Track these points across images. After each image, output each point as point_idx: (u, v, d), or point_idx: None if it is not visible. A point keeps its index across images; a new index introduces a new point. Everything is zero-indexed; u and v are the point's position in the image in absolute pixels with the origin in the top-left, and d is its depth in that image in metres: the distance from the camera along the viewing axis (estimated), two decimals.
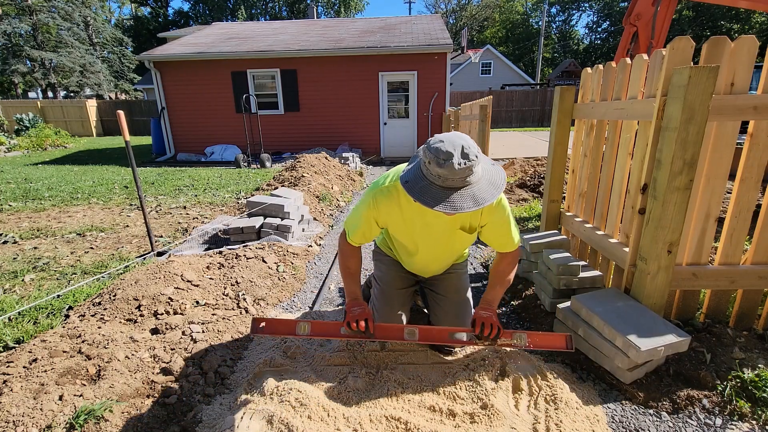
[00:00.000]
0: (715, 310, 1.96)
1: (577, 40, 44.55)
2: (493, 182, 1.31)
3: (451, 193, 1.25)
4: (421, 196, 1.27)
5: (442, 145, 1.24)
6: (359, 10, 42.64)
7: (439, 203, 1.24)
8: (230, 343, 2.03)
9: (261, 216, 3.76)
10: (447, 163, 1.21)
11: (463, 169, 1.22)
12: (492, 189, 1.29)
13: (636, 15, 4.66)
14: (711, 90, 1.49)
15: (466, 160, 1.22)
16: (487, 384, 1.62)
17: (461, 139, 1.26)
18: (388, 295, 1.87)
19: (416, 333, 1.70)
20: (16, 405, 1.44)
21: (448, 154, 1.21)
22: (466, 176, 1.24)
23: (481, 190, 1.27)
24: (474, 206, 1.24)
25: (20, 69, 25.10)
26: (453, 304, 1.86)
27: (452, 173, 1.22)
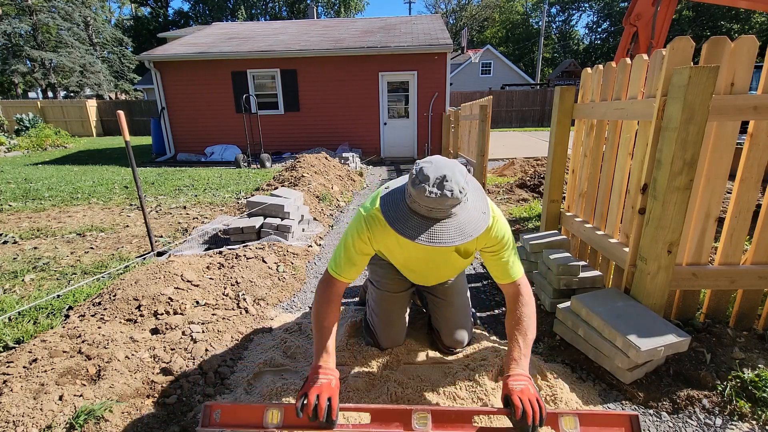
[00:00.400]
0: (715, 310, 1.96)
1: (577, 40, 44.56)
2: (483, 212, 1.21)
3: (432, 224, 1.13)
4: (400, 226, 1.15)
5: (429, 168, 1.12)
6: (359, 10, 42.64)
7: (419, 235, 1.12)
8: (230, 343, 2.04)
9: (261, 216, 3.76)
10: (432, 192, 1.09)
11: (450, 201, 1.10)
12: (480, 220, 1.18)
13: (636, 15, 4.65)
14: (711, 90, 1.49)
15: (454, 191, 1.10)
16: (488, 384, 1.62)
17: (448, 165, 1.14)
18: (388, 299, 1.81)
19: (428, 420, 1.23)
20: (16, 405, 1.44)
21: (436, 180, 1.10)
22: (451, 206, 1.12)
23: (467, 220, 1.16)
24: (459, 239, 1.13)
25: (20, 69, 25.10)
26: (453, 307, 1.82)
27: (437, 202, 1.10)
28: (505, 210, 4.54)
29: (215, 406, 1.28)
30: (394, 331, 1.84)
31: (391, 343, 1.85)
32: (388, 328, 1.83)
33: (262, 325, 2.26)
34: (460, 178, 1.13)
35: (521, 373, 1.29)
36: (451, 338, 1.82)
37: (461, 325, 1.83)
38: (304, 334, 2.09)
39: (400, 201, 1.21)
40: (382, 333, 1.84)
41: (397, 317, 1.83)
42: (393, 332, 1.84)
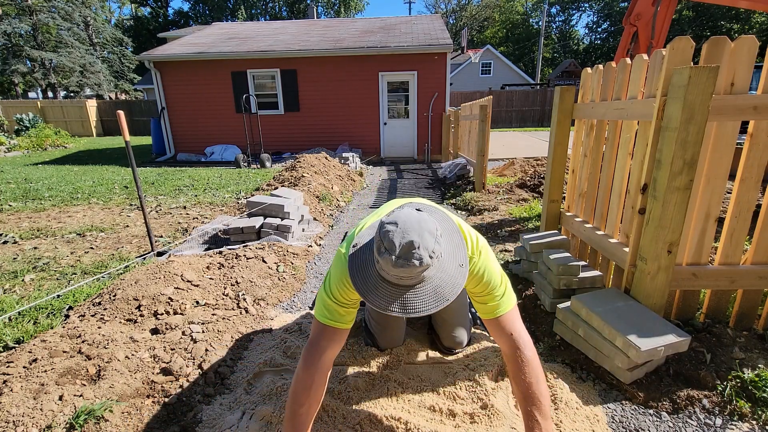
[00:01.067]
0: (715, 310, 1.96)
1: (577, 40, 44.56)
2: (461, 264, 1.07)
3: (404, 292, 1.00)
4: (371, 297, 1.02)
5: (394, 233, 0.97)
6: (359, 10, 42.65)
7: (388, 303, 1.00)
8: (230, 343, 2.04)
9: (261, 216, 3.76)
10: (399, 262, 0.95)
11: (418, 269, 0.96)
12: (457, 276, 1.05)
13: (636, 15, 4.65)
14: (711, 90, 1.49)
15: (422, 258, 0.95)
16: (488, 384, 1.63)
17: (420, 225, 0.98)
18: None
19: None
20: (16, 405, 1.44)
21: (402, 249, 0.95)
22: (422, 272, 0.98)
23: (442, 282, 1.02)
24: (434, 306, 1.00)
25: (20, 69, 25.10)
26: (450, 310, 1.80)
27: (405, 272, 0.96)
28: (505, 210, 4.54)
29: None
30: (392, 333, 1.83)
31: (390, 344, 1.85)
32: (386, 329, 1.82)
33: (262, 325, 2.26)
34: (429, 240, 0.97)
35: None
36: (450, 339, 1.82)
37: (460, 325, 1.83)
38: (304, 334, 2.09)
39: (368, 265, 1.06)
40: (380, 334, 1.83)
41: (394, 319, 1.81)
42: (391, 333, 1.83)
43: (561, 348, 1.92)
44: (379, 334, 1.83)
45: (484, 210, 4.66)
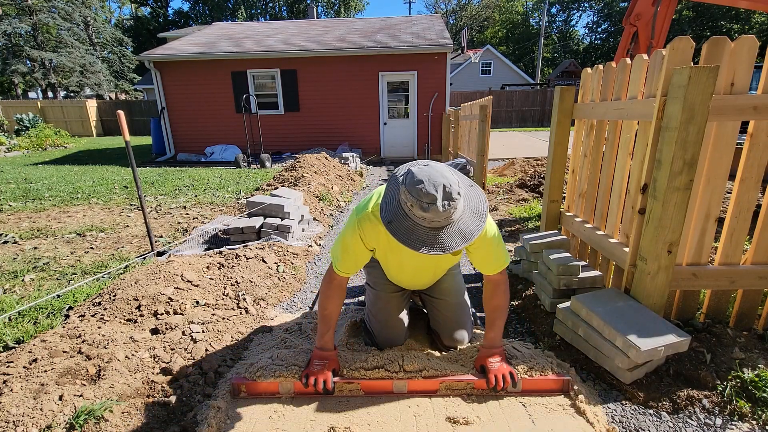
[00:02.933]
0: (715, 310, 1.96)
1: (577, 40, 44.56)
2: (476, 211, 1.27)
3: (437, 233, 1.19)
4: (407, 239, 1.21)
5: (423, 187, 1.15)
6: (359, 10, 42.65)
7: (426, 245, 1.19)
8: (230, 343, 2.03)
9: (261, 216, 3.76)
10: (431, 206, 1.15)
11: (447, 210, 1.16)
12: (477, 220, 1.25)
13: (636, 15, 4.65)
14: (711, 90, 1.49)
15: (449, 200, 1.16)
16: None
17: (442, 176, 1.18)
18: (384, 299, 1.83)
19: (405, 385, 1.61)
20: (16, 405, 1.44)
21: (431, 196, 1.14)
22: (450, 215, 1.18)
23: (466, 224, 1.23)
24: (462, 243, 1.20)
25: (20, 69, 25.11)
26: (450, 306, 1.83)
27: (437, 215, 1.16)
28: (505, 210, 4.54)
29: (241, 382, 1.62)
30: (391, 332, 1.83)
31: (389, 344, 1.85)
32: (385, 328, 1.83)
33: (262, 325, 2.26)
34: (451, 177, 1.20)
35: (496, 351, 1.61)
36: (451, 338, 1.83)
37: (460, 324, 1.83)
38: (304, 334, 2.09)
39: (400, 216, 1.23)
40: (379, 333, 1.84)
41: (394, 318, 1.82)
42: (390, 333, 1.83)
43: (561, 348, 1.92)
44: (379, 333, 1.84)
45: None
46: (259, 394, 1.62)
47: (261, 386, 1.62)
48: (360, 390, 1.60)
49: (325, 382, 1.54)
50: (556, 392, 1.62)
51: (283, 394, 1.61)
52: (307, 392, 1.60)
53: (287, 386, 1.61)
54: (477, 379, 1.60)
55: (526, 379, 1.61)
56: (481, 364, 1.61)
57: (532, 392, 1.61)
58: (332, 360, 1.62)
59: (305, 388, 1.56)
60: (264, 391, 1.62)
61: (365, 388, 1.61)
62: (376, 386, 1.62)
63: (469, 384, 1.60)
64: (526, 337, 2.14)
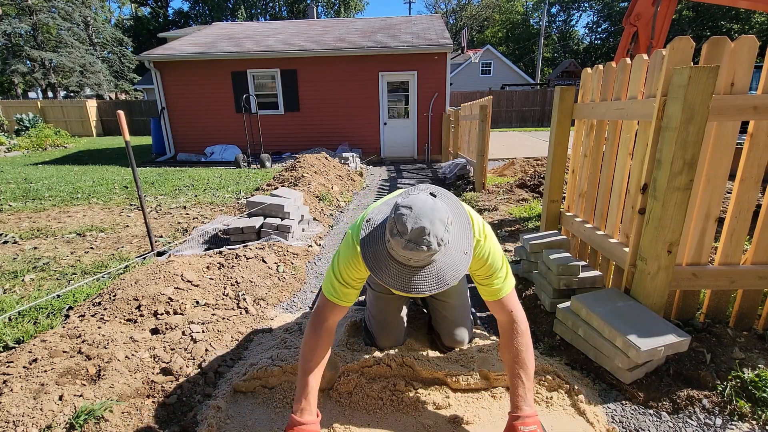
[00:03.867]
0: (715, 310, 1.96)
1: (577, 40, 44.56)
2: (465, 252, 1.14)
3: (412, 272, 1.09)
4: (380, 273, 1.11)
5: (408, 217, 1.03)
6: (359, 10, 42.65)
7: (398, 283, 1.09)
8: (230, 343, 2.04)
9: (261, 216, 3.75)
10: (409, 245, 1.03)
11: (426, 253, 1.04)
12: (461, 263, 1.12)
13: (636, 15, 4.65)
14: (711, 90, 1.49)
15: (431, 244, 1.03)
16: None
17: (434, 213, 1.04)
18: (384, 300, 1.80)
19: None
20: (16, 405, 1.44)
21: (413, 233, 1.02)
22: (430, 256, 1.05)
23: (447, 265, 1.10)
24: (436, 288, 1.09)
25: (20, 69, 25.10)
26: (451, 308, 1.80)
27: (413, 255, 1.04)
28: (505, 210, 4.54)
29: None
30: (391, 332, 1.82)
31: (389, 344, 1.83)
32: (385, 329, 1.82)
33: (262, 325, 2.26)
34: (440, 228, 1.04)
35: (530, 414, 1.26)
36: (451, 338, 1.82)
37: (461, 324, 1.82)
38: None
39: (379, 243, 1.14)
40: (378, 334, 1.83)
41: (394, 318, 1.81)
42: (390, 333, 1.82)
43: (561, 348, 1.92)
44: (378, 333, 1.83)
45: (484, 210, 4.66)
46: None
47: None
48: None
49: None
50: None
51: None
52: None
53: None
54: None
55: None
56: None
57: None
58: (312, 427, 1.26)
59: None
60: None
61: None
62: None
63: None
64: None
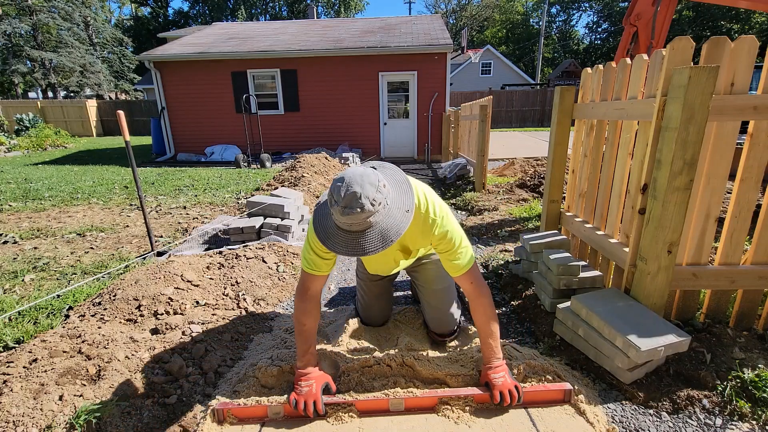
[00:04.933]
0: (715, 310, 1.96)
1: (577, 40, 44.57)
2: (407, 210, 1.26)
3: (356, 237, 1.19)
4: (329, 242, 1.24)
5: (341, 187, 1.15)
6: (359, 10, 42.68)
7: (346, 248, 1.21)
8: (230, 343, 2.04)
9: (261, 216, 3.75)
10: (345, 211, 1.14)
11: (363, 215, 1.14)
12: (401, 220, 1.23)
13: (636, 15, 4.65)
14: (711, 90, 1.49)
15: (364, 206, 1.14)
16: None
17: (363, 178, 1.16)
18: (367, 286, 2.05)
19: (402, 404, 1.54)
20: (16, 405, 1.44)
21: (346, 199, 1.14)
22: (367, 218, 1.16)
23: (388, 226, 1.20)
24: (381, 247, 1.19)
25: (20, 69, 25.11)
26: (434, 293, 1.94)
27: (351, 219, 1.15)
28: (505, 210, 4.54)
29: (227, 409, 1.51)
30: (373, 312, 2.09)
31: (372, 321, 2.11)
32: (368, 309, 2.10)
33: (262, 325, 2.26)
34: (370, 190, 1.15)
35: (499, 365, 1.54)
36: (437, 324, 1.94)
37: (446, 311, 1.93)
38: None
39: (327, 218, 1.28)
40: (363, 313, 2.13)
41: (376, 300, 2.05)
42: (372, 312, 2.09)
43: (561, 348, 1.92)
44: (363, 312, 2.12)
45: (484, 210, 4.66)
46: (246, 419, 1.52)
47: (248, 411, 1.51)
48: (356, 410, 1.52)
49: (315, 403, 1.47)
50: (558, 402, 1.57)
51: (272, 417, 1.52)
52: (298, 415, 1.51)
53: (276, 410, 1.52)
54: (477, 393, 1.54)
55: (528, 390, 1.56)
56: (486, 381, 1.55)
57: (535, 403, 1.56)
58: (318, 378, 1.53)
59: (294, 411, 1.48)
60: (251, 416, 1.52)
61: (361, 408, 1.53)
62: (372, 405, 1.54)
63: (469, 398, 1.54)
64: (526, 337, 2.14)
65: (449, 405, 1.53)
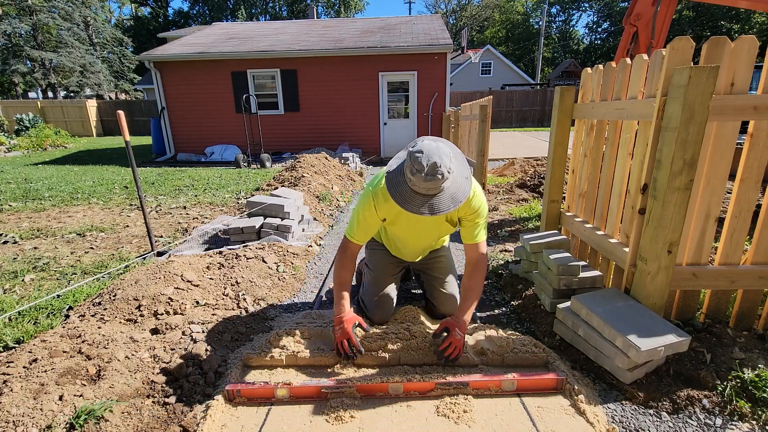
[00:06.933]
0: (715, 310, 1.96)
1: (577, 40, 44.55)
2: (466, 177, 1.54)
3: (430, 199, 1.45)
4: (404, 203, 1.48)
5: (422, 158, 1.39)
6: (359, 10, 42.68)
7: (420, 207, 1.46)
8: (230, 343, 2.03)
9: (261, 216, 3.75)
10: (428, 177, 1.39)
11: (441, 181, 1.41)
12: (465, 185, 1.52)
13: (636, 15, 4.65)
14: (711, 90, 1.49)
15: (443, 173, 1.40)
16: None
17: (439, 151, 1.41)
18: (380, 280, 2.15)
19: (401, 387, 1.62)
20: (16, 405, 1.44)
21: (429, 168, 1.38)
22: (442, 183, 1.42)
23: (456, 190, 1.49)
24: (452, 206, 1.46)
25: (20, 69, 25.10)
26: (442, 282, 2.16)
27: (432, 184, 1.41)
28: (505, 210, 4.54)
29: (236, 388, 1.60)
30: (384, 309, 2.13)
31: (381, 318, 2.12)
32: (379, 306, 2.12)
33: (262, 325, 2.26)
34: (446, 160, 1.42)
35: (463, 325, 1.75)
36: (444, 304, 2.14)
37: (451, 294, 2.14)
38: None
39: (401, 183, 1.51)
40: (374, 310, 2.12)
41: (387, 297, 2.12)
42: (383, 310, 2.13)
43: (561, 348, 1.92)
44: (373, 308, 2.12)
45: None
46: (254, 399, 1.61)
47: (256, 391, 1.60)
48: (356, 393, 1.59)
49: (349, 341, 1.71)
50: (551, 390, 1.62)
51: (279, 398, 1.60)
52: (303, 395, 1.60)
53: (282, 392, 1.60)
54: (474, 380, 1.61)
55: (521, 378, 1.62)
56: (445, 327, 1.76)
57: (528, 390, 1.62)
58: (349, 320, 1.76)
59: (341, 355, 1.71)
60: (260, 396, 1.61)
61: (361, 390, 1.61)
62: (372, 388, 1.61)
63: (465, 383, 1.61)
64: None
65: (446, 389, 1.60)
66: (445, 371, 1.71)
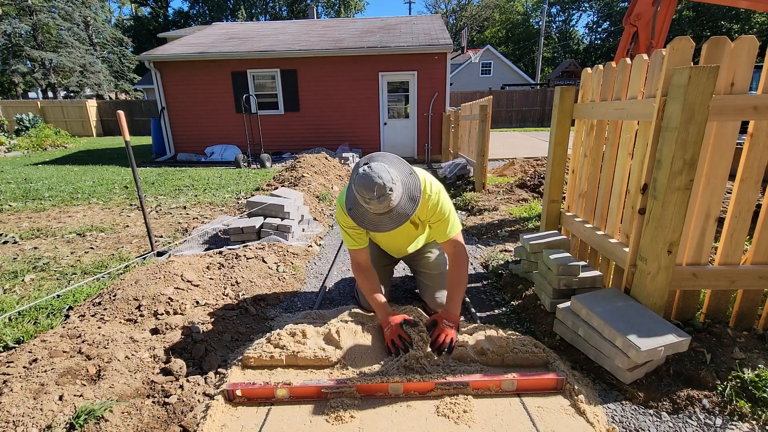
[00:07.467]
0: (715, 310, 1.96)
1: (577, 40, 44.55)
2: (411, 197, 1.63)
3: (381, 217, 1.59)
4: (378, 228, 1.63)
5: (366, 186, 1.50)
6: (359, 10, 42.68)
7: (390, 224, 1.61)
8: (230, 343, 2.03)
9: (261, 216, 3.75)
10: (381, 198, 1.52)
11: (392, 193, 1.53)
12: (412, 180, 1.65)
13: (636, 15, 4.65)
14: (711, 90, 1.49)
15: (390, 186, 1.52)
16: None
17: (379, 176, 1.50)
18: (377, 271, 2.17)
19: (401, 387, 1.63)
20: (16, 405, 1.44)
21: (377, 190, 1.50)
22: (393, 195, 1.53)
23: (408, 189, 1.62)
24: (413, 204, 1.62)
25: (20, 69, 25.10)
26: (431, 277, 2.28)
27: (386, 200, 1.52)
28: (505, 210, 4.54)
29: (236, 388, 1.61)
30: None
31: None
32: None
33: (262, 325, 2.26)
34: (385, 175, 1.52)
35: (454, 316, 1.86)
36: (432, 300, 2.24)
37: (439, 290, 2.24)
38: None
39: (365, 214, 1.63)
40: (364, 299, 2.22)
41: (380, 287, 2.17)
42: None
43: (561, 348, 1.92)
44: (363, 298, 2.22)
45: (484, 210, 4.66)
46: (254, 399, 1.61)
47: (256, 391, 1.61)
48: (356, 393, 1.60)
49: (400, 336, 1.80)
50: (551, 389, 1.63)
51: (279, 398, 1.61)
52: (303, 395, 1.61)
53: (282, 392, 1.60)
54: (473, 380, 1.61)
55: (521, 378, 1.62)
56: (434, 319, 1.88)
57: (528, 390, 1.62)
58: (395, 319, 1.88)
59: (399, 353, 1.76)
60: (259, 396, 1.61)
61: (361, 390, 1.61)
62: (372, 388, 1.62)
63: (465, 383, 1.61)
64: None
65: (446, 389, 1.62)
66: (445, 371, 1.71)
